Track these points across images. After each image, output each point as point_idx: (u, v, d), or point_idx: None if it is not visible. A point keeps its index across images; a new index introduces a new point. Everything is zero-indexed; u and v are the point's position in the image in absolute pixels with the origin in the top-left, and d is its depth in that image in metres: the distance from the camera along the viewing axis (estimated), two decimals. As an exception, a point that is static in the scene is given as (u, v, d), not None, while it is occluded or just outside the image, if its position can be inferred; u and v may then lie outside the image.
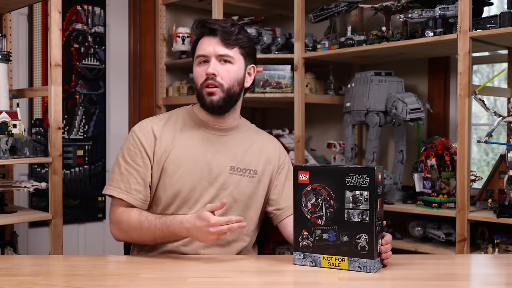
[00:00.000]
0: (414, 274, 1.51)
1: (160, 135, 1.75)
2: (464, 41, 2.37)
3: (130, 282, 1.46)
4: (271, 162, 1.85)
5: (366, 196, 1.46)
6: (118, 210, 1.72)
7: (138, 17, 3.49)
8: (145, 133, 1.75)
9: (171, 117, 1.82)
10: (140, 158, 1.73)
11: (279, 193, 1.84)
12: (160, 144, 1.74)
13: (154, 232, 1.66)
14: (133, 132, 1.77)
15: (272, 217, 1.86)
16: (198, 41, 1.76)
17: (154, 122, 1.79)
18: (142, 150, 1.74)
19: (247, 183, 1.79)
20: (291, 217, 1.78)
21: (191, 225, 1.60)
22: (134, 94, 3.50)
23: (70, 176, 3.31)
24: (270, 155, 1.85)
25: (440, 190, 2.57)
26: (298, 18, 2.99)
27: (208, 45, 1.72)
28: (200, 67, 1.74)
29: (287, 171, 1.87)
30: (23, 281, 1.42)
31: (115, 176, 1.74)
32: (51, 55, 2.31)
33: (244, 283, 1.45)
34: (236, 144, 1.80)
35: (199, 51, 1.74)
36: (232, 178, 1.76)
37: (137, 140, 1.75)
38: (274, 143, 1.92)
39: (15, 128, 2.26)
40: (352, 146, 3.02)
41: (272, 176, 1.85)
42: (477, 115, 3.50)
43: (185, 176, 1.73)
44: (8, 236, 2.59)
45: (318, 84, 3.21)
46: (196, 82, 1.75)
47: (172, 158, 1.73)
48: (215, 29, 1.71)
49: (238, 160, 1.78)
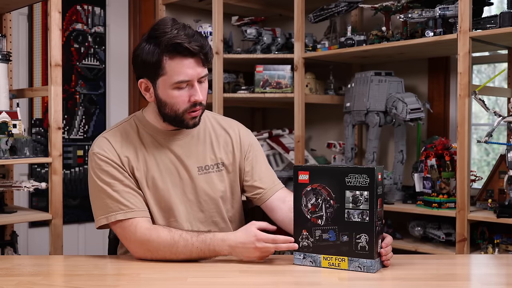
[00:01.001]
0: (414, 274, 1.51)
1: (120, 148, 1.69)
2: (464, 41, 2.37)
3: (130, 282, 1.46)
4: (235, 149, 1.80)
5: (366, 196, 1.46)
6: (140, 230, 1.61)
7: (138, 17, 3.49)
8: (107, 148, 1.68)
9: (125, 128, 1.73)
10: (118, 172, 1.66)
11: (252, 177, 1.80)
12: (124, 157, 1.68)
13: (191, 251, 1.59)
14: (95, 154, 1.67)
15: (253, 201, 1.83)
16: (163, 59, 1.59)
17: (109, 136, 1.71)
18: (116, 165, 1.67)
19: (219, 177, 1.76)
20: (272, 199, 1.78)
21: (234, 242, 1.56)
22: (134, 94, 3.50)
23: (70, 176, 3.31)
24: (233, 143, 1.80)
25: (440, 190, 2.57)
26: (298, 18, 2.99)
27: (189, 69, 1.60)
28: (181, 92, 1.62)
29: (255, 154, 1.83)
30: (23, 281, 1.42)
31: (106, 203, 1.64)
32: (51, 55, 2.31)
33: (244, 283, 1.45)
34: (195, 143, 1.75)
35: (179, 76, 1.59)
36: (203, 178, 1.73)
37: (106, 159, 1.66)
38: (234, 128, 1.83)
39: (15, 128, 2.26)
40: (352, 146, 3.02)
41: (241, 163, 1.81)
42: (477, 115, 3.50)
43: (161, 188, 1.70)
44: (8, 236, 2.59)
45: (318, 84, 3.21)
46: (176, 107, 1.63)
47: (143, 172, 1.69)
48: (195, 52, 1.59)
49: (202, 159, 1.75)
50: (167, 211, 1.71)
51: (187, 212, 1.73)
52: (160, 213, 1.71)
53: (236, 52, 3.15)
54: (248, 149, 1.83)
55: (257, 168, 1.82)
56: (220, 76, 3.00)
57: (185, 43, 1.57)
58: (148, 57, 1.60)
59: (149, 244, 1.60)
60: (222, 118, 1.87)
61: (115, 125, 1.77)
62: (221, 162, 1.77)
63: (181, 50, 1.58)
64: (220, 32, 2.99)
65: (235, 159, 1.80)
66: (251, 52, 3.13)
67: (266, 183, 1.81)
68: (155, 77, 1.63)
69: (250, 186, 1.81)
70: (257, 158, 1.84)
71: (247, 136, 1.85)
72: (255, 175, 1.81)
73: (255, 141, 1.87)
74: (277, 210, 1.78)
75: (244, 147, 1.82)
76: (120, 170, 1.67)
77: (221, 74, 3.01)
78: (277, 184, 1.83)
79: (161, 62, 1.59)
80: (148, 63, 1.61)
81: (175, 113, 1.65)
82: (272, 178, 1.84)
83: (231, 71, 3.25)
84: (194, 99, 1.63)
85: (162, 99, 1.65)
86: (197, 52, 1.59)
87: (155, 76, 1.63)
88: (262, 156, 1.87)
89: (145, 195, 1.69)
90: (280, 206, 1.77)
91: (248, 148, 1.83)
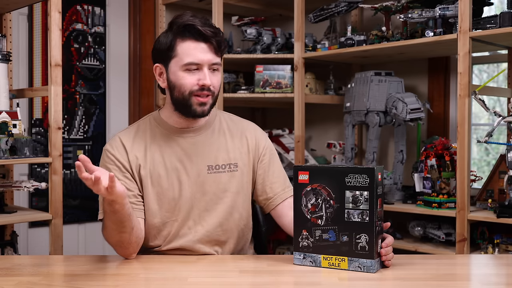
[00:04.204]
0: (414, 274, 1.51)
1: (131, 147, 1.72)
2: (464, 41, 2.37)
3: (130, 282, 1.46)
4: (250, 151, 1.79)
5: (366, 196, 1.46)
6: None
7: (138, 17, 3.49)
8: (117, 147, 1.72)
9: (139, 127, 1.76)
10: (120, 173, 1.70)
11: (264, 182, 1.80)
12: (133, 155, 1.71)
13: (110, 226, 1.60)
14: (106, 150, 1.73)
15: (262, 206, 1.83)
16: (176, 42, 1.64)
17: (123, 135, 1.75)
18: (120, 165, 1.70)
19: (229, 178, 1.75)
20: (282, 205, 1.78)
21: None
22: (134, 94, 3.50)
23: (70, 176, 3.31)
24: (249, 144, 1.80)
25: (440, 190, 2.57)
26: (298, 18, 2.99)
27: (200, 52, 1.63)
28: (190, 75, 1.65)
29: (270, 157, 1.82)
30: (23, 281, 1.42)
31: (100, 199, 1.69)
32: (51, 55, 2.31)
33: (244, 283, 1.45)
34: (210, 142, 1.76)
35: (188, 57, 1.63)
36: (212, 177, 1.73)
37: (112, 157, 1.71)
38: (251, 130, 1.83)
39: (15, 128, 2.26)
40: (352, 146, 3.02)
41: (254, 166, 1.80)
42: (477, 115, 3.50)
43: (166, 186, 1.71)
44: (8, 236, 2.59)
45: (318, 84, 3.21)
46: (184, 89, 1.65)
47: (148, 170, 1.70)
48: (208, 36, 1.62)
49: (215, 158, 1.74)
50: (170, 209, 1.71)
51: (192, 210, 1.72)
52: (162, 211, 1.71)
53: (236, 52, 3.15)
54: (263, 152, 1.82)
55: (269, 173, 1.81)
56: (220, 76, 3.00)
57: (197, 25, 1.62)
58: (162, 41, 1.67)
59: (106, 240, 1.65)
60: (238, 119, 1.87)
61: (132, 124, 1.81)
62: (235, 163, 1.76)
63: (193, 32, 1.62)
64: (220, 32, 2.99)
65: (249, 161, 1.79)
66: (251, 52, 3.13)
67: (275, 190, 1.80)
68: (168, 60, 1.67)
69: (261, 190, 1.81)
70: (271, 162, 1.82)
71: (264, 139, 1.84)
72: (267, 180, 1.80)
73: (270, 145, 1.86)
74: (284, 216, 1.77)
75: (259, 150, 1.81)
76: (123, 171, 1.70)
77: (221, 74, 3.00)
78: (287, 191, 1.80)
79: (174, 45, 1.65)
80: (163, 47, 1.67)
81: (183, 95, 1.66)
82: (283, 184, 1.82)
83: (231, 71, 3.25)
84: (203, 82, 1.64)
85: (172, 82, 1.68)
86: (210, 36, 1.63)
87: (167, 59, 1.67)
88: (276, 161, 1.85)
89: (147, 193, 1.70)
90: (287, 212, 1.76)
91: (263, 151, 1.82)
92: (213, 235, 1.73)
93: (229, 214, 1.75)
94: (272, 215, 1.82)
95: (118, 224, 1.58)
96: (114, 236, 1.62)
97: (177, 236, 1.72)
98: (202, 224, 1.73)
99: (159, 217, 1.71)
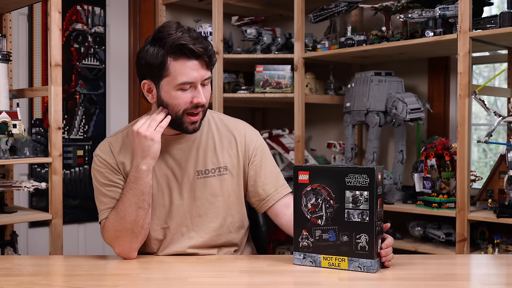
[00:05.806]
0: (414, 274, 1.51)
1: (119, 153, 1.72)
2: (464, 41, 2.37)
3: (130, 282, 1.46)
4: (239, 153, 1.76)
5: (366, 196, 1.46)
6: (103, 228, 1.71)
7: (138, 17, 3.49)
8: (107, 152, 1.72)
9: (128, 133, 1.74)
10: (113, 174, 1.70)
11: (256, 183, 1.76)
12: (120, 162, 1.71)
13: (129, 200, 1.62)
14: (96, 155, 1.73)
15: (256, 208, 1.80)
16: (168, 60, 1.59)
17: (111, 139, 1.75)
18: (111, 168, 1.71)
19: (219, 182, 1.73)
20: (276, 205, 1.75)
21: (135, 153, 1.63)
22: (134, 94, 3.50)
23: (70, 176, 3.31)
24: (238, 146, 1.77)
25: (440, 190, 2.57)
26: (298, 18, 2.99)
27: (193, 70, 1.60)
28: (184, 94, 1.61)
29: (261, 157, 1.78)
30: (23, 281, 1.42)
31: (101, 200, 1.71)
32: (51, 55, 2.31)
33: (244, 283, 1.45)
34: (196, 146, 1.73)
35: (182, 77, 1.59)
36: (202, 182, 1.71)
37: (103, 161, 1.71)
38: (240, 130, 1.79)
39: (15, 128, 2.26)
40: (352, 146, 3.02)
41: (245, 167, 1.77)
42: (477, 115, 3.50)
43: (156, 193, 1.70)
44: (8, 236, 2.59)
45: (318, 84, 3.21)
46: (177, 108, 1.62)
47: None
48: (199, 54, 1.59)
49: (203, 162, 1.72)
50: (162, 217, 1.71)
51: (184, 217, 1.71)
52: (153, 219, 1.70)
53: (236, 52, 3.15)
54: (254, 153, 1.78)
55: (261, 174, 1.77)
56: (220, 76, 3.00)
57: (190, 45, 1.57)
58: (152, 59, 1.61)
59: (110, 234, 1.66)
60: (228, 119, 1.83)
61: (121, 129, 1.78)
62: (224, 166, 1.74)
63: (185, 51, 1.58)
64: (220, 32, 2.99)
65: (239, 163, 1.76)
66: (251, 52, 3.13)
67: (268, 191, 1.76)
68: (159, 78, 1.62)
69: (253, 192, 1.78)
70: (262, 162, 1.78)
71: (254, 138, 1.80)
72: (259, 181, 1.77)
73: (261, 144, 1.81)
74: (281, 215, 1.75)
75: (249, 151, 1.77)
76: (116, 173, 1.70)
77: (221, 74, 3.01)
78: (280, 191, 1.77)
79: (165, 63, 1.59)
80: (153, 65, 1.61)
81: (176, 114, 1.64)
82: (275, 184, 1.78)
83: (231, 71, 3.25)
84: (197, 100, 1.62)
85: (164, 100, 1.64)
86: (202, 54, 1.59)
87: (159, 77, 1.62)
88: (268, 160, 1.81)
89: None
90: (284, 211, 1.75)
91: (253, 152, 1.78)
92: (208, 240, 1.72)
93: (222, 219, 1.73)
94: (268, 214, 1.80)
95: (138, 197, 1.61)
96: (131, 214, 1.61)
97: (171, 242, 1.71)
98: (196, 230, 1.72)
99: (151, 225, 1.70)
